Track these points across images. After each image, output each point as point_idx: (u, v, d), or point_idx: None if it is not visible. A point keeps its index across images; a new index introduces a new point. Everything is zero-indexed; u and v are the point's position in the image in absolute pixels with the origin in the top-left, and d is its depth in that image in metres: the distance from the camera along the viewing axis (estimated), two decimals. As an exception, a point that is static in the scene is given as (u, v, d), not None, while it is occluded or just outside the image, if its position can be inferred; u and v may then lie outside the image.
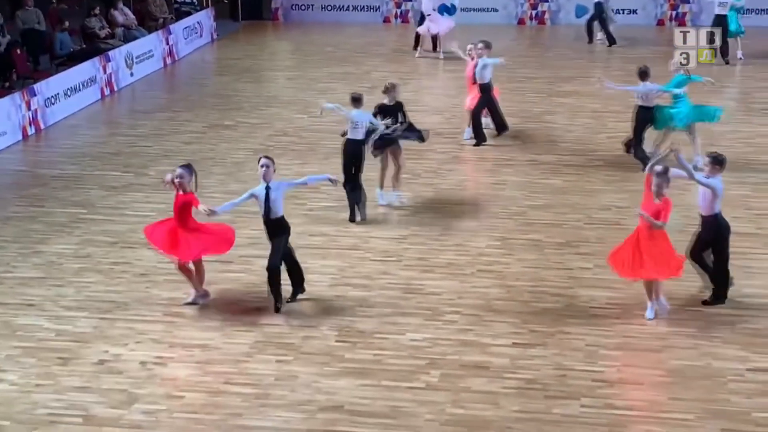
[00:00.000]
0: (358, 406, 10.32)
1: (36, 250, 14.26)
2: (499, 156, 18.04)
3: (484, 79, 18.27)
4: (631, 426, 10.01)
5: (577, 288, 12.91)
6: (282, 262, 12.25)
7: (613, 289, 12.75)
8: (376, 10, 30.83)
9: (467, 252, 14.05)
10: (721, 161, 12.15)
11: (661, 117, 16.90)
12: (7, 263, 13.82)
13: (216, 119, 20.61)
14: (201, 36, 27.84)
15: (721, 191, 12.05)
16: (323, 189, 15.63)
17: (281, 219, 12.18)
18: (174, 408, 10.34)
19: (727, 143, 18.13)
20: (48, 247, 14.33)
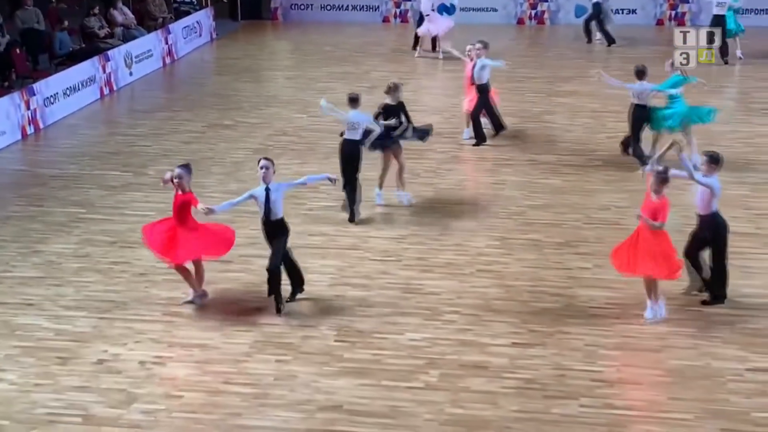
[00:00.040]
0: (357, 405, 10.32)
1: (35, 249, 14.26)
2: (499, 156, 18.03)
3: (481, 80, 18.23)
4: (631, 426, 10.01)
5: (576, 288, 12.91)
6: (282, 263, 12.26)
7: (613, 289, 12.75)
8: (375, 9, 30.82)
9: (466, 252, 14.05)
10: (718, 160, 12.17)
11: (656, 118, 16.94)
12: (7, 263, 13.82)
13: (215, 119, 20.60)
14: (200, 35, 27.83)
15: (719, 190, 12.06)
16: (323, 189, 15.62)
17: (281, 220, 12.16)
18: (173, 408, 10.33)
19: (727, 143, 18.14)
20: (47, 247, 14.33)
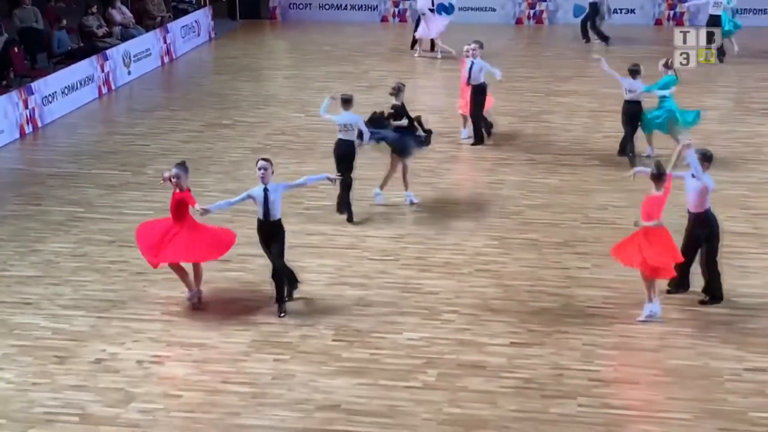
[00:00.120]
0: (355, 405, 10.32)
1: (33, 248, 14.25)
2: (497, 155, 18.03)
3: (478, 80, 18.23)
4: (628, 425, 10.01)
5: (575, 288, 12.91)
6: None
7: (611, 289, 12.75)
8: (374, 9, 30.79)
9: (464, 251, 14.04)
10: (710, 157, 12.26)
11: (647, 120, 17.06)
12: (4, 262, 13.81)
13: (214, 118, 20.59)
14: (199, 35, 27.80)
15: (713, 187, 12.10)
16: (321, 188, 15.61)
17: (279, 221, 12.14)
18: (171, 407, 10.33)
19: (725, 143, 18.16)
20: (45, 246, 14.32)
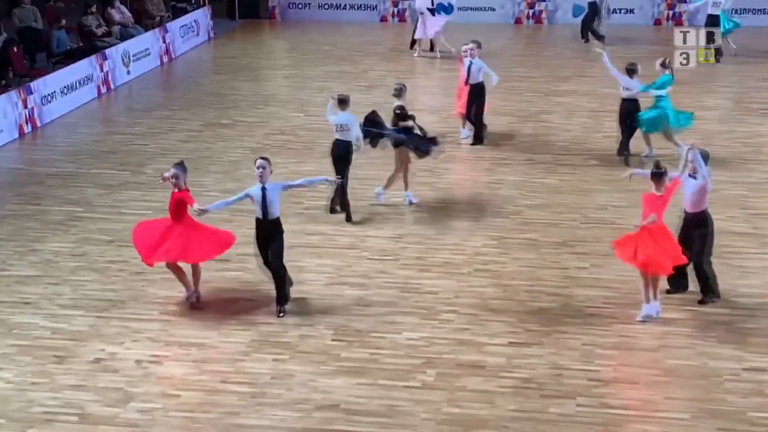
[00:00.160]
0: (354, 405, 10.32)
1: (32, 248, 14.24)
2: (496, 155, 18.03)
3: (477, 80, 18.22)
4: (627, 425, 10.01)
5: (574, 287, 12.91)
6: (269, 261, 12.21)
7: (610, 289, 12.75)
8: (373, 9, 30.78)
9: (464, 251, 14.04)
10: (707, 157, 12.27)
11: (643, 120, 17.07)
12: (4, 261, 13.81)
13: (213, 118, 20.58)
14: (198, 34, 27.79)
15: (710, 188, 12.14)
16: (321, 188, 15.57)
17: (277, 220, 12.13)
18: (170, 407, 10.33)
19: (724, 143, 18.17)
20: (44, 246, 14.31)
